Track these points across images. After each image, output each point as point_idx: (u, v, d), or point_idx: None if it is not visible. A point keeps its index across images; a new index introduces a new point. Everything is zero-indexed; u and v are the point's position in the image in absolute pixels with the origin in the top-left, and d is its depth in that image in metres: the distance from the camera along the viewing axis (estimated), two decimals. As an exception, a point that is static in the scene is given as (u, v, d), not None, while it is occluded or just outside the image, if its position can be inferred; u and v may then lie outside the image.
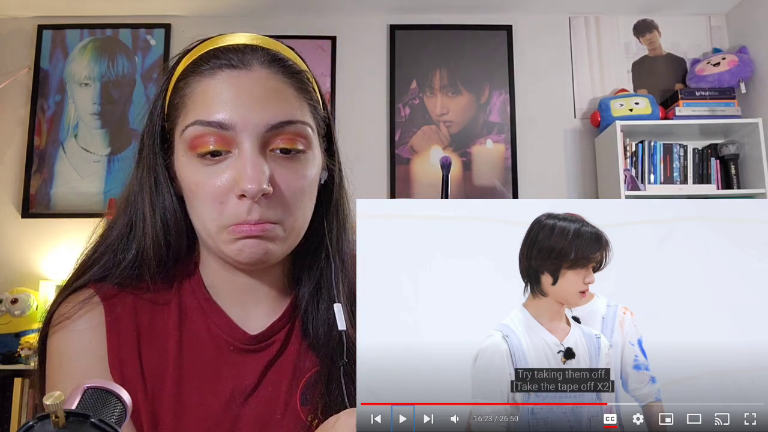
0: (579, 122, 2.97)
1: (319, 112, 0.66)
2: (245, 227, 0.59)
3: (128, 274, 0.65)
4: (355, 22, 3.03)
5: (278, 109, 0.60)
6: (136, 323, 0.64)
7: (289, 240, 0.62)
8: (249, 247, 0.59)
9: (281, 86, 0.61)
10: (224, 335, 0.66)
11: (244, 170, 0.57)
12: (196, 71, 0.61)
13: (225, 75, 0.60)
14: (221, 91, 0.59)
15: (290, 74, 0.63)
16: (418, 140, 2.94)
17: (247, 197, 0.57)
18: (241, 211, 0.58)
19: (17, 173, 2.88)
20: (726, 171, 2.74)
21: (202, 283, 0.68)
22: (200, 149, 0.59)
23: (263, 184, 0.57)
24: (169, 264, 0.66)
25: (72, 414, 0.33)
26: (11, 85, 2.87)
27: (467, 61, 3.00)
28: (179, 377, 0.63)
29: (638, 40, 3.04)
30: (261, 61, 0.61)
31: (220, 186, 0.59)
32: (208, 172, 0.59)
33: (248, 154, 0.58)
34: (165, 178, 0.65)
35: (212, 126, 0.58)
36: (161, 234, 0.64)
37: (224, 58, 0.60)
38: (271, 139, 0.59)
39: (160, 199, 0.65)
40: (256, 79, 0.60)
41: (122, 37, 3.01)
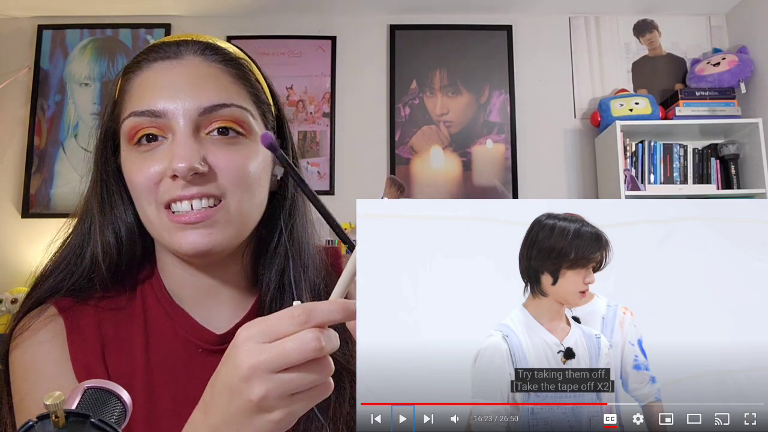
0: (579, 122, 2.97)
1: (262, 101, 0.65)
2: (184, 216, 0.58)
3: (83, 285, 0.64)
4: (355, 22, 3.03)
5: (212, 92, 0.59)
6: (99, 333, 0.63)
7: (234, 225, 0.60)
8: (191, 238, 0.58)
9: (216, 72, 0.61)
10: (191, 337, 0.65)
11: (176, 150, 0.57)
12: (135, 68, 0.62)
13: (158, 66, 0.61)
14: (154, 81, 0.60)
15: (226, 60, 0.63)
16: (418, 140, 2.94)
17: (179, 176, 0.57)
18: (174, 187, 0.57)
19: (17, 173, 2.88)
20: (726, 171, 2.74)
21: (164, 287, 0.67)
22: (135, 138, 0.59)
23: (194, 162, 0.56)
24: (123, 269, 0.65)
25: (72, 414, 0.33)
26: (11, 85, 2.87)
27: (467, 61, 3.00)
28: (149, 384, 0.62)
29: (638, 40, 3.04)
30: (194, 50, 0.62)
31: (154, 171, 0.58)
32: (144, 158, 0.59)
33: (180, 136, 0.58)
34: (116, 180, 0.64)
35: (145, 115, 0.58)
36: (111, 239, 0.64)
37: (158, 51, 0.62)
38: (206, 123, 0.59)
39: (110, 203, 0.64)
40: (188, 66, 0.60)
41: (122, 37, 3.01)
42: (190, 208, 0.58)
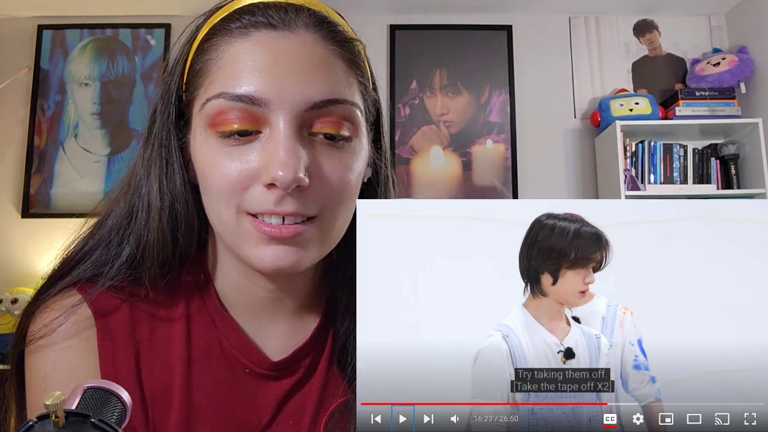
0: (579, 122, 2.97)
1: (369, 93, 0.56)
2: (273, 228, 0.48)
3: (124, 274, 0.54)
4: (355, 22, 3.01)
5: (324, 83, 0.49)
6: (133, 339, 0.54)
7: (325, 244, 0.52)
8: (276, 254, 0.49)
9: (329, 56, 0.50)
10: (239, 356, 0.56)
11: (276, 154, 0.47)
12: (226, 30, 0.50)
13: (261, 36, 0.49)
14: (255, 56, 0.48)
15: (340, 42, 0.52)
16: (418, 140, 2.94)
17: (278, 187, 0.47)
18: (267, 200, 0.48)
19: (17, 173, 2.88)
20: (726, 171, 2.74)
21: (215, 292, 0.57)
22: (223, 127, 0.48)
23: (299, 172, 0.46)
24: (174, 266, 0.56)
25: (72, 414, 0.33)
26: (11, 85, 2.87)
27: (467, 61, 3.00)
28: (188, 404, 0.53)
29: (638, 40, 3.04)
30: (306, 23, 0.50)
31: (242, 170, 0.48)
32: (230, 153, 0.48)
33: (282, 135, 0.47)
34: (179, 160, 0.53)
35: (241, 101, 0.47)
36: (168, 228, 0.53)
37: (261, 15, 0.49)
38: (312, 120, 0.49)
39: (171, 186, 0.53)
40: (299, 45, 0.49)
41: (122, 37, 3.01)
42: (281, 221, 0.49)
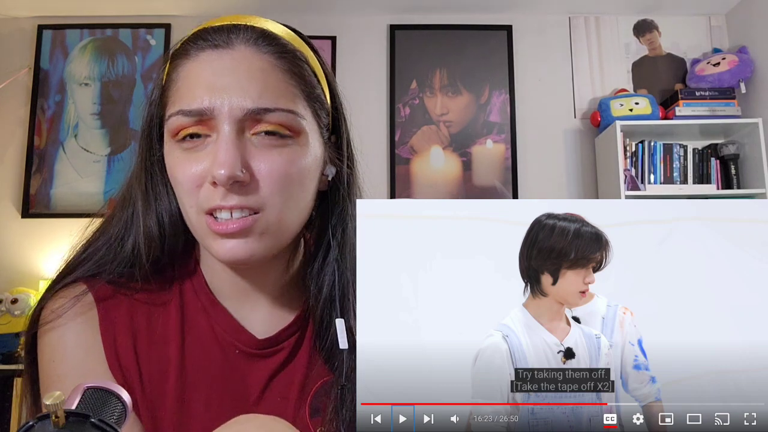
0: (579, 122, 2.97)
1: (315, 97, 0.62)
2: (221, 225, 0.55)
3: (122, 271, 0.62)
4: (355, 22, 3.03)
5: (260, 92, 0.56)
6: (132, 326, 0.61)
7: (277, 235, 0.58)
8: (229, 247, 0.56)
9: (267, 66, 0.57)
10: (229, 337, 0.63)
11: (217, 155, 0.54)
12: (183, 55, 0.59)
13: (205, 56, 0.57)
14: (201, 73, 0.56)
15: (279, 54, 0.58)
16: (418, 140, 2.94)
17: (218, 184, 0.54)
18: (215, 196, 0.55)
19: (17, 173, 2.88)
20: (726, 171, 2.74)
21: (205, 282, 0.65)
22: (179, 135, 0.57)
23: (236, 170, 0.54)
24: (165, 262, 0.64)
25: (72, 414, 0.33)
26: (11, 85, 2.87)
27: (467, 61, 3.00)
28: (182, 384, 0.60)
29: (638, 40, 3.04)
30: (246, 39, 0.58)
31: (195, 171, 0.56)
32: (188, 157, 0.57)
33: (223, 138, 0.55)
34: (161, 169, 0.62)
35: (192, 115, 0.55)
36: (155, 230, 0.62)
37: (208, 38, 0.57)
38: (252, 125, 0.56)
39: (155, 193, 0.62)
40: (238, 58, 0.56)
41: (122, 37, 3.01)
42: (230, 216, 0.56)
